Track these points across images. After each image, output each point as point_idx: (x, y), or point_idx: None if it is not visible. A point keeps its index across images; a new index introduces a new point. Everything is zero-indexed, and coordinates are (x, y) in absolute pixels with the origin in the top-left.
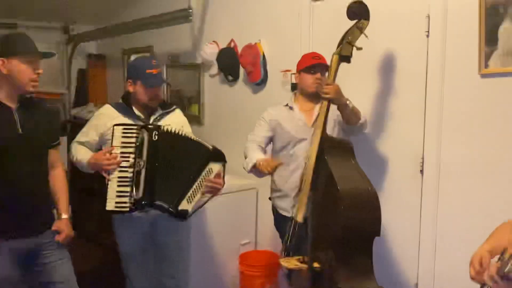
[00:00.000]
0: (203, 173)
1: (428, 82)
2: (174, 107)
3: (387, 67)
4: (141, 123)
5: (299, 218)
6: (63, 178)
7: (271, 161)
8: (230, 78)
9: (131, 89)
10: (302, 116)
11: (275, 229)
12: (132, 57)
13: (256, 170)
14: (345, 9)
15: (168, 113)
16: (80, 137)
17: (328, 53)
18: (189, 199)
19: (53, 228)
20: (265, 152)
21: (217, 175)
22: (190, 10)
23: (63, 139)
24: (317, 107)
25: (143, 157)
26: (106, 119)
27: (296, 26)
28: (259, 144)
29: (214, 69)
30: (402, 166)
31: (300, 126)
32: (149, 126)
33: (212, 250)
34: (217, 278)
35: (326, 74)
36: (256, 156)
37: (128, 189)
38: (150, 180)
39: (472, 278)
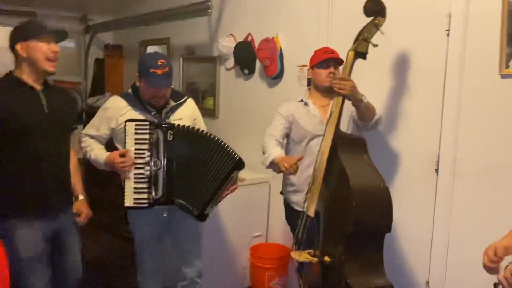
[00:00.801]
0: (227, 181)
1: (446, 81)
2: (186, 97)
3: (404, 65)
4: (152, 118)
5: (311, 213)
6: (77, 161)
7: (291, 160)
8: (246, 71)
9: (137, 83)
10: (317, 112)
11: (286, 222)
12: (148, 49)
13: (274, 166)
14: None
15: (179, 105)
16: (91, 130)
17: (346, 49)
18: (213, 205)
19: (74, 210)
20: (282, 146)
21: (236, 180)
22: (209, 3)
23: (79, 128)
24: (332, 103)
25: (160, 157)
26: (116, 113)
27: (315, 21)
28: (277, 139)
29: (230, 63)
30: (417, 164)
31: (315, 122)
32: (163, 126)
33: (224, 242)
34: (228, 269)
35: (340, 68)
36: (275, 152)
37: (145, 185)
38: (169, 180)
39: (485, 265)
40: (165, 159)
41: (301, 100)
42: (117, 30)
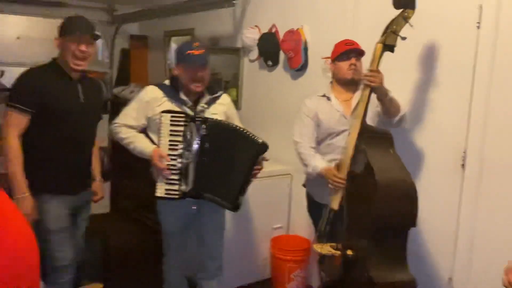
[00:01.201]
0: (254, 167)
1: (476, 75)
2: (221, 92)
3: (433, 59)
4: (188, 110)
5: (335, 206)
6: (97, 146)
7: (337, 173)
8: (270, 63)
9: (175, 72)
10: (340, 107)
11: (308, 215)
12: (173, 40)
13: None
14: None
15: (214, 99)
16: (128, 119)
17: (372, 42)
18: (244, 193)
19: (92, 188)
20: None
21: (261, 162)
22: None
23: (104, 117)
24: (356, 96)
25: (192, 151)
26: (153, 103)
27: (341, 12)
28: (312, 146)
29: (254, 54)
30: (443, 159)
31: (339, 117)
32: (197, 119)
33: (245, 233)
34: (249, 260)
35: (362, 59)
36: (319, 164)
37: (177, 177)
38: (200, 174)
39: (505, 286)
40: (197, 153)
41: (324, 95)
42: (142, 21)
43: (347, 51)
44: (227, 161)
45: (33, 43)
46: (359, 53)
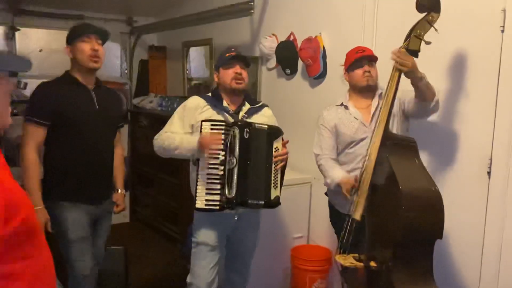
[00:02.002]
0: (273, 155)
1: (500, 81)
2: (262, 103)
3: (456, 64)
4: (229, 118)
5: (357, 216)
6: (122, 157)
7: (351, 180)
8: (288, 71)
9: (216, 79)
10: (359, 115)
11: (331, 224)
12: (191, 50)
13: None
14: (413, 2)
15: (256, 110)
16: (174, 128)
17: (392, 48)
18: (275, 185)
19: (113, 199)
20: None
21: (281, 147)
22: (252, 3)
23: (124, 127)
24: (374, 103)
25: (235, 155)
26: (195, 111)
27: (359, 18)
28: (331, 157)
29: (272, 62)
30: (469, 167)
31: (358, 126)
32: (240, 123)
33: (265, 242)
34: (269, 270)
35: (374, 65)
36: (337, 175)
37: (218, 186)
38: (242, 178)
39: None
40: (239, 157)
41: (341, 104)
42: (161, 32)
43: (359, 59)
44: (259, 161)
45: (55, 55)
46: (372, 59)
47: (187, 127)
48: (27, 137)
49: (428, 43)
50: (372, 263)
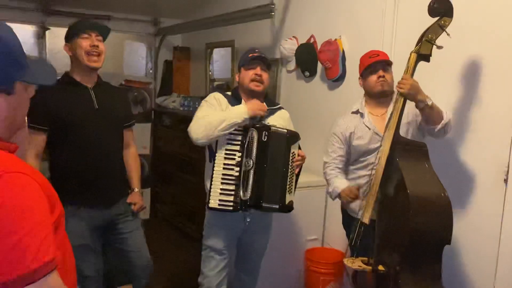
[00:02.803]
0: (290, 160)
1: None
2: (280, 105)
3: (473, 70)
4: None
5: (366, 220)
6: (136, 156)
7: (353, 190)
8: (307, 74)
9: (237, 78)
10: (373, 124)
11: (343, 228)
12: (214, 51)
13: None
14: None
15: (273, 111)
16: (206, 112)
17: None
18: (290, 190)
19: (128, 200)
20: (344, 171)
21: (299, 152)
22: (273, 6)
23: (147, 126)
24: (389, 110)
25: (252, 157)
26: (219, 106)
27: (379, 22)
28: (337, 166)
29: (292, 64)
30: (485, 174)
31: (371, 136)
32: (258, 126)
33: (279, 243)
34: (283, 271)
35: (391, 68)
36: (339, 185)
37: (232, 187)
38: (258, 181)
39: None
40: (256, 159)
41: (357, 111)
42: (185, 33)
43: (373, 64)
44: (275, 165)
45: None
46: (386, 63)
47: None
48: (28, 145)
49: (439, 47)
50: (381, 267)
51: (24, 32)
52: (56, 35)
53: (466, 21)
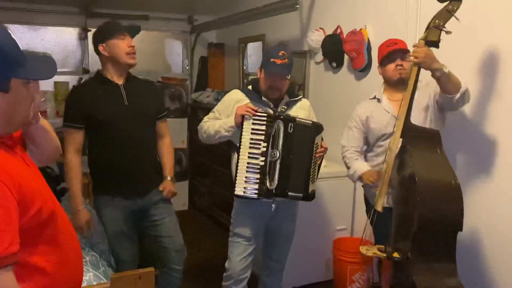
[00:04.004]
0: (314, 151)
1: None
2: (301, 96)
3: (491, 63)
4: (270, 111)
5: (378, 207)
6: (170, 146)
7: (374, 174)
8: (334, 65)
9: (259, 75)
10: (391, 108)
11: (367, 216)
12: (249, 46)
13: (362, 180)
14: None
15: (295, 102)
16: (212, 115)
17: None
18: (312, 179)
19: (160, 188)
20: (363, 154)
21: (321, 143)
22: None
23: (184, 120)
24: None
25: (278, 148)
26: (234, 104)
27: (403, 12)
28: (356, 150)
29: (319, 56)
30: (504, 169)
31: (389, 119)
32: (283, 117)
33: (308, 233)
34: (312, 260)
35: (407, 57)
36: (360, 167)
37: (257, 176)
38: (284, 171)
39: None
40: (282, 150)
41: (374, 97)
42: (219, 29)
43: (391, 52)
44: (301, 156)
45: None
46: (405, 52)
47: (224, 117)
48: (66, 142)
49: (448, 32)
50: (395, 254)
51: (69, 35)
52: None
53: (483, 10)
